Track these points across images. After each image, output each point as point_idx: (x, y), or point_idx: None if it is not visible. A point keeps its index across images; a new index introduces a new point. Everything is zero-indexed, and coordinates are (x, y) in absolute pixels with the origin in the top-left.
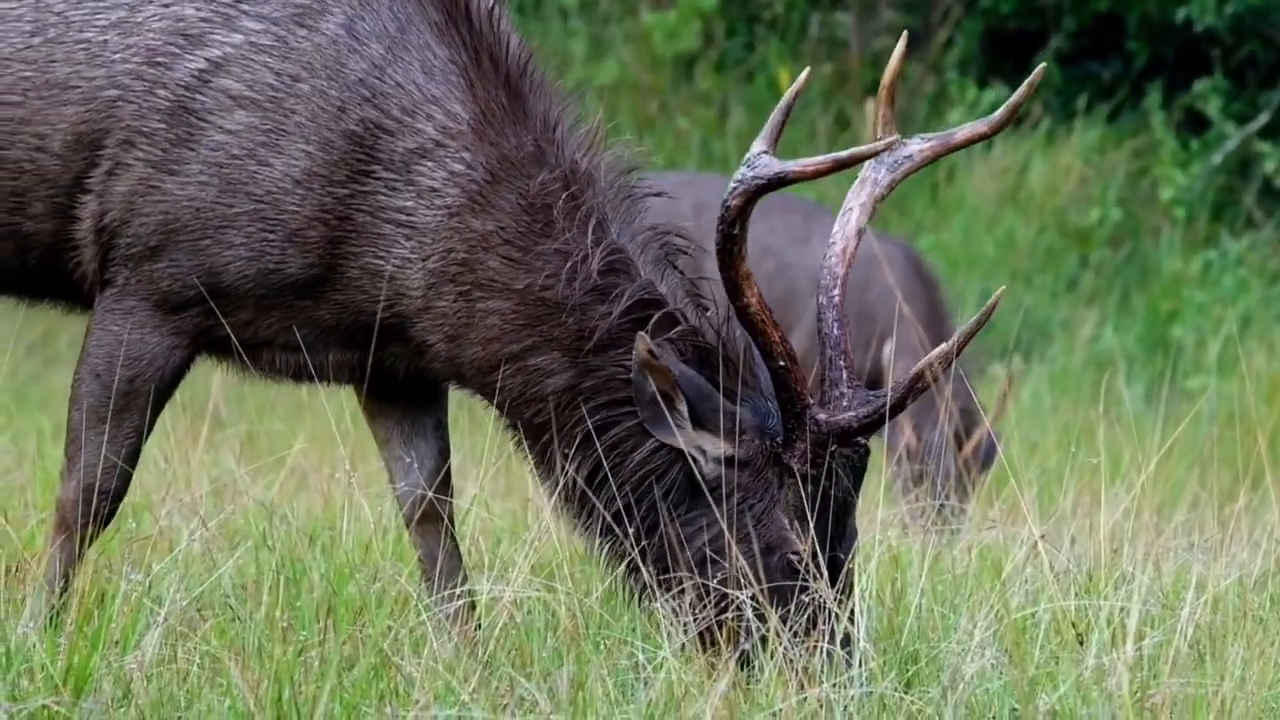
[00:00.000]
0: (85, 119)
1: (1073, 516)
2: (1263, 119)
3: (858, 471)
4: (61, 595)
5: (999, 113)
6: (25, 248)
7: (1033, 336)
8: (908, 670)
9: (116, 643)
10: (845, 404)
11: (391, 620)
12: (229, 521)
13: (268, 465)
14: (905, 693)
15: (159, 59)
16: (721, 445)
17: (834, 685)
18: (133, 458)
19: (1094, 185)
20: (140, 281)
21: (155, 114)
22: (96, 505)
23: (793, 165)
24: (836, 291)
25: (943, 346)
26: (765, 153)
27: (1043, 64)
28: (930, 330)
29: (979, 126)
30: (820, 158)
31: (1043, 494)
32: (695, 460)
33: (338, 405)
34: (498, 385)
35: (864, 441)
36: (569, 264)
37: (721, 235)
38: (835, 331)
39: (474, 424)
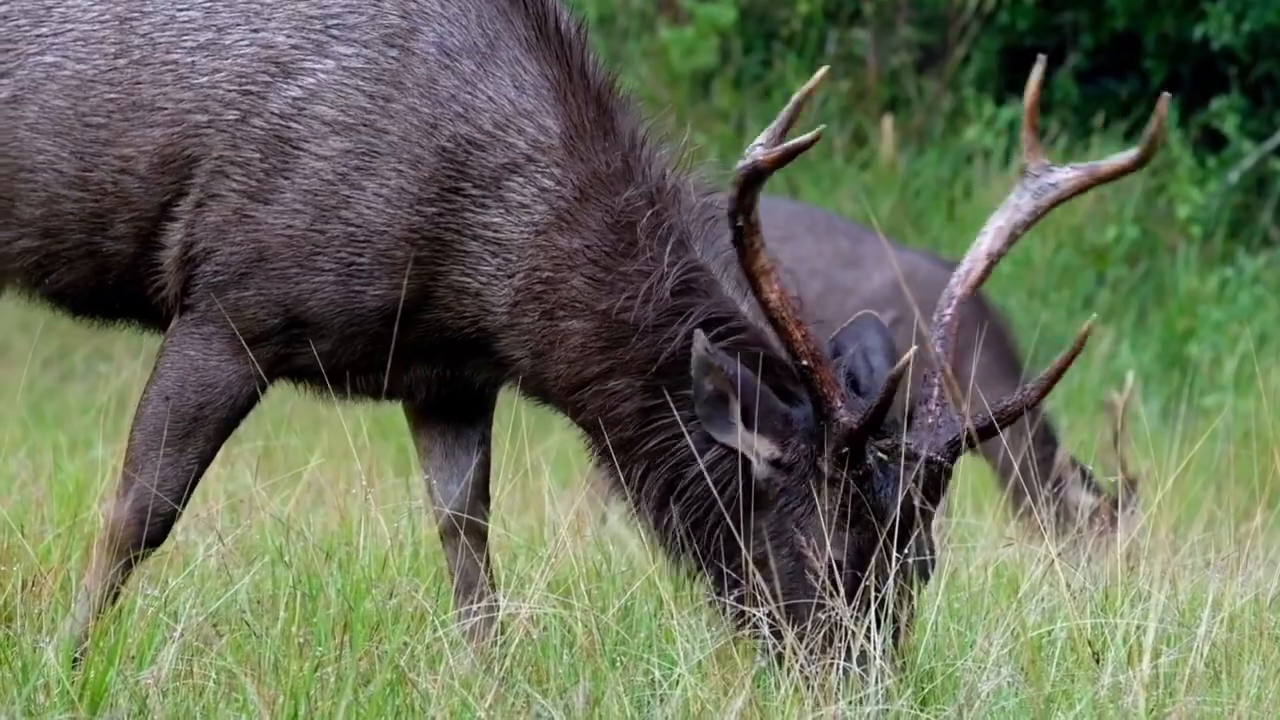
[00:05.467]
0: (172, 141)
1: (1091, 534)
2: (1279, 137)
3: (927, 488)
4: (100, 613)
5: (1141, 147)
6: (104, 268)
7: (1049, 354)
8: (924, 688)
9: (133, 658)
10: (930, 422)
11: (408, 636)
12: (245, 537)
13: (284, 481)
14: (921, 710)
15: (250, 87)
16: (770, 447)
17: (849, 702)
18: (192, 484)
19: (1110, 203)
20: (223, 309)
21: (249, 143)
22: (150, 528)
23: (762, 155)
24: (949, 311)
25: (1025, 393)
26: (760, 144)
27: (1166, 95)
28: (995, 350)
29: (1121, 160)
30: (778, 147)
31: (1061, 510)
32: (750, 462)
33: (354, 420)
34: (580, 405)
35: (938, 457)
36: (647, 284)
37: (731, 230)
38: (937, 350)
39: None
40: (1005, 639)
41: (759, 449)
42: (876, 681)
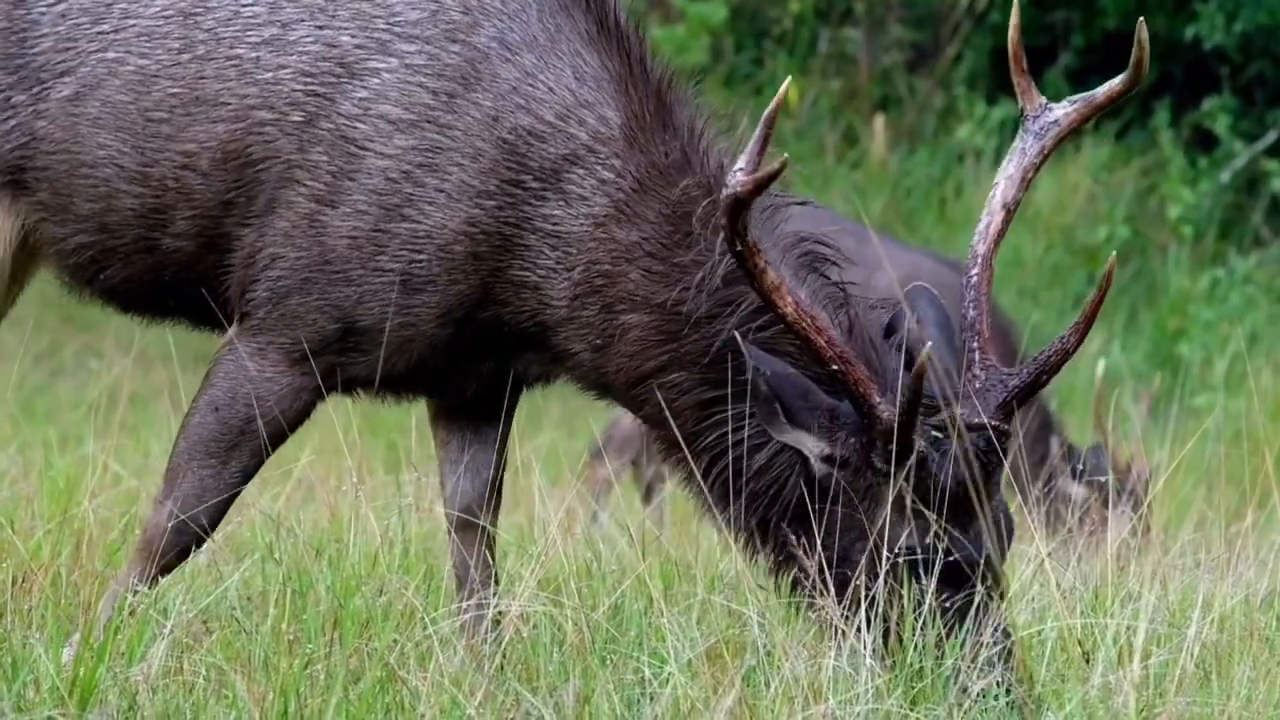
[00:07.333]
0: (235, 137)
1: (1080, 534)
2: (1270, 137)
3: (984, 456)
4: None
5: (1129, 70)
6: (161, 265)
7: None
8: (914, 687)
9: (122, 654)
10: (978, 387)
11: (398, 634)
12: (235, 534)
13: (274, 477)
14: (911, 709)
15: (316, 88)
16: (820, 444)
17: (840, 701)
18: (233, 497)
19: (1102, 203)
20: (281, 317)
21: (316, 146)
22: (186, 538)
23: (740, 182)
24: (976, 271)
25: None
26: (740, 170)
27: (1142, 19)
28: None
29: (1115, 85)
30: (750, 176)
31: (1051, 510)
32: (807, 460)
33: (345, 417)
34: (642, 399)
35: (992, 423)
36: (700, 275)
37: (733, 256)
38: (971, 313)
39: None
40: (996, 638)
41: (810, 447)
42: (867, 680)
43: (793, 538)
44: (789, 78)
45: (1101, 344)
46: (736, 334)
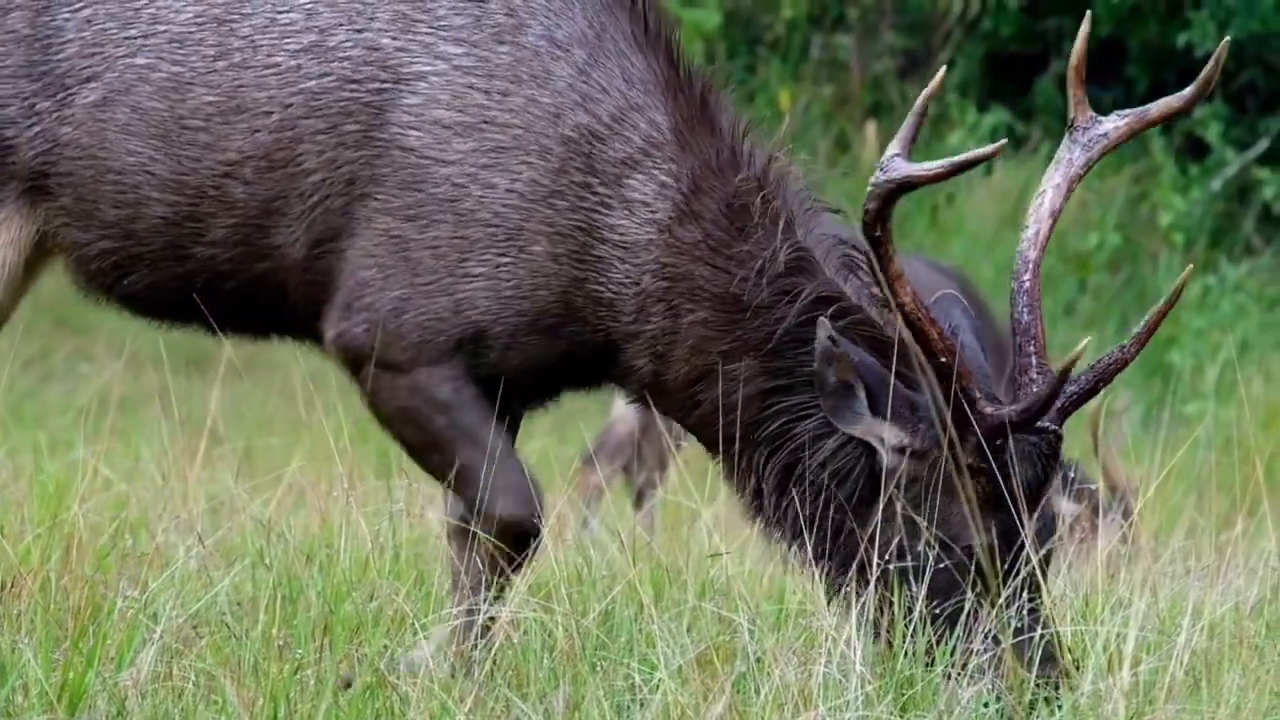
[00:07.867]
0: (280, 144)
1: (1073, 542)
2: (1262, 145)
3: (1046, 459)
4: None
5: (1192, 87)
6: (191, 273)
7: None
8: (904, 694)
9: (112, 659)
10: (1036, 391)
11: (388, 639)
12: (226, 539)
13: (265, 483)
14: (901, 716)
15: (363, 95)
16: (899, 434)
17: (830, 708)
18: (513, 450)
19: (1093, 210)
20: (388, 343)
21: (378, 159)
22: (532, 509)
23: (918, 168)
24: (1027, 277)
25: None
26: (898, 155)
27: (1227, 39)
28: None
29: (1173, 102)
30: (939, 162)
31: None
32: (875, 450)
33: (336, 423)
34: (699, 397)
35: (1053, 428)
36: (758, 263)
37: (867, 240)
38: (1025, 317)
39: None
40: (986, 645)
41: (887, 437)
42: (856, 687)
43: (848, 530)
44: (944, 66)
45: (1092, 351)
46: (822, 320)
